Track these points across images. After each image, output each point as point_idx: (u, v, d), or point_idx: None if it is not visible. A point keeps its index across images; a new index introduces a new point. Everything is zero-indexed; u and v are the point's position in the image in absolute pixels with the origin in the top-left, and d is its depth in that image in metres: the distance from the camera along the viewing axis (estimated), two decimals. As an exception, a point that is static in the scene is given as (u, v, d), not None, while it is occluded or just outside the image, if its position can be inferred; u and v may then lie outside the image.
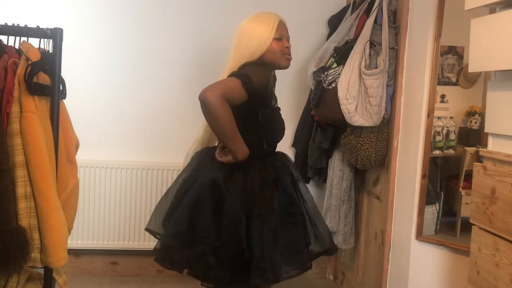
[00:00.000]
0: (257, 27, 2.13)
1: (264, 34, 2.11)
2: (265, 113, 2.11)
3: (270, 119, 2.15)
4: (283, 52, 2.15)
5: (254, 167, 2.08)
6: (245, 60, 2.12)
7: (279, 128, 2.22)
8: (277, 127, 2.20)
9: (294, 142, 3.46)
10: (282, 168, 2.17)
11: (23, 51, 1.96)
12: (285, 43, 2.15)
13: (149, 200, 3.28)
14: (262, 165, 2.11)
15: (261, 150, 2.14)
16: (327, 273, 3.62)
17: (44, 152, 1.90)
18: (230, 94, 1.95)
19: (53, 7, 3.22)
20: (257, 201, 2.03)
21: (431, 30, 2.38)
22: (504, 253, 1.63)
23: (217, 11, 3.37)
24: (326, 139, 3.09)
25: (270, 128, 2.15)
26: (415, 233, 2.48)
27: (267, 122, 2.13)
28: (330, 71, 2.71)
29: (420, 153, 2.45)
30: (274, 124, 2.18)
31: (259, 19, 2.16)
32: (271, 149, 2.22)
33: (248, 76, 2.00)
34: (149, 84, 3.35)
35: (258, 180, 2.06)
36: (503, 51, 1.63)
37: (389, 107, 2.68)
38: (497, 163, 1.72)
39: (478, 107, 2.66)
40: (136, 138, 3.37)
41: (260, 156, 2.12)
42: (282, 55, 2.15)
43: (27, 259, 1.85)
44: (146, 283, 3.33)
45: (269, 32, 2.11)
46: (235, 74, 2.03)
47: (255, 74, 2.03)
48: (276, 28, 2.13)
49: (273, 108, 2.17)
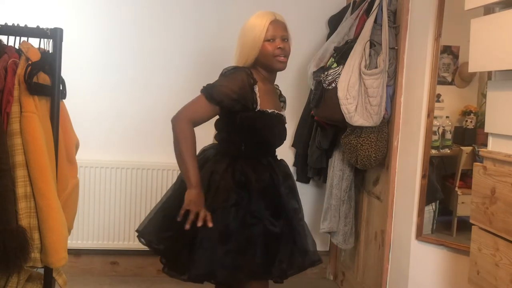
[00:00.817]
0: (249, 30, 2.10)
1: (254, 38, 2.07)
2: (244, 116, 2.08)
3: (252, 123, 2.09)
4: (275, 54, 2.08)
5: (227, 165, 2.10)
6: (242, 64, 2.13)
7: (266, 133, 2.14)
8: (263, 132, 2.13)
9: (294, 142, 3.46)
10: (263, 174, 2.12)
11: (23, 51, 1.96)
12: (277, 44, 2.08)
13: (149, 200, 3.28)
14: (234, 165, 2.10)
15: (239, 151, 2.13)
16: (327, 273, 3.62)
17: (44, 152, 1.90)
18: (197, 115, 2.04)
19: (53, 7, 3.22)
20: (212, 195, 2.05)
21: (431, 30, 2.38)
22: (504, 253, 1.63)
23: (218, 11, 3.37)
24: (326, 139, 3.09)
25: (250, 131, 2.11)
26: (415, 233, 2.48)
27: (247, 126, 2.10)
28: (330, 71, 2.71)
29: (420, 153, 2.45)
30: (256, 128, 2.11)
31: (252, 21, 2.11)
32: (254, 152, 2.15)
33: (211, 88, 2.05)
34: (149, 84, 3.35)
35: (221, 176, 2.07)
36: (503, 51, 1.63)
37: (389, 107, 2.68)
38: (497, 163, 1.72)
39: (473, 107, 2.66)
40: (136, 138, 3.37)
41: (237, 157, 2.12)
42: (274, 57, 2.09)
43: (27, 259, 1.85)
44: (146, 283, 3.33)
45: (259, 35, 2.06)
46: (202, 89, 2.08)
47: (224, 82, 2.07)
48: (267, 29, 2.07)
49: (259, 111, 2.09)
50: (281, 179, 2.17)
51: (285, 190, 2.18)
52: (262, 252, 2.05)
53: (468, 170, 2.49)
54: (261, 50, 2.08)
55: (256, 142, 2.15)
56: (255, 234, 2.04)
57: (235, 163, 2.10)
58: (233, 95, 2.03)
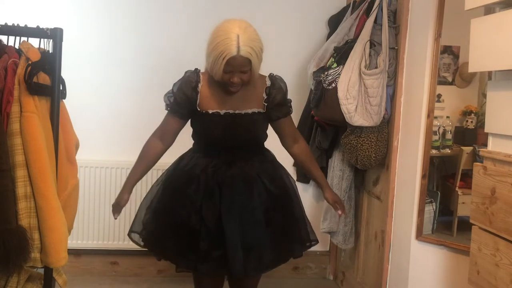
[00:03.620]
0: (212, 49, 2.04)
1: (215, 64, 2.03)
2: (194, 117, 2.23)
3: (196, 123, 2.23)
4: (228, 83, 2.08)
5: (185, 157, 2.29)
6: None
7: (205, 132, 2.21)
8: (204, 131, 2.22)
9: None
10: (215, 168, 2.17)
11: (23, 51, 1.96)
12: (231, 77, 2.05)
13: (149, 200, 3.28)
14: (189, 158, 2.26)
15: (194, 146, 2.31)
16: (327, 273, 3.62)
17: (44, 152, 1.90)
18: (164, 129, 2.27)
19: (53, 7, 3.22)
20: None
21: (431, 30, 2.38)
22: (504, 253, 1.63)
23: (217, 12, 3.36)
24: (326, 139, 3.09)
25: (196, 130, 2.26)
26: (415, 233, 2.48)
27: (194, 125, 2.25)
28: (330, 71, 2.71)
29: (420, 153, 2.45)
30: (200, 127, 2.23)
31: (216, 41, 2.04)
32: (204, 147, 2.25)
33: (170, 98, 2.23)
34: (149, 83, 3.35)
35: (174, 165, 2.31)
36: (503, 51, 1.63)
37: (389, 107, 2.68)
38: (497, 163, 1.72)
39: (473, 107, 2.66)
40: (136, 138, 3.34)
41: (193, 151, 2.29)
42: (227, 84, 2.09)
43: (27, 259, 1.85)
44: (146, 283, 3.33)
45: (219, 68, 2.02)
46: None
47: (175, 92, 2.22)
48: (225, 63, 2.00)
49: (204, 113, 2.16)
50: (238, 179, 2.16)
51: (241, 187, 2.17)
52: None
53: (469, 170, 2.48)
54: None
55: (199, 139, 2.27)
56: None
57: (191, 156, 2.26)
58: (181, 96, 2.18)
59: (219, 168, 2.17)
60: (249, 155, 2.23)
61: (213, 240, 2.10)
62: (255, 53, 2.02)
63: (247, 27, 2.04)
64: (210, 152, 2.21)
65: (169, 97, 2.22)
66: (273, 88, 2.22)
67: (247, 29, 2.02)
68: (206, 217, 2.11)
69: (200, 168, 2.18)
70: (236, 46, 1.98)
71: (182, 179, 2.20)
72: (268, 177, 2.22)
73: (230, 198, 2.13)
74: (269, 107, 2.22)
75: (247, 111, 2.18)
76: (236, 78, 2.05)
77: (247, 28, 2.03)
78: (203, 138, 2.24)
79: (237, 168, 2.18)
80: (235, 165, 2.18)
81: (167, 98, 2.23)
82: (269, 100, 2.22)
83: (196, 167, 2.19)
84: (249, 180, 2.18)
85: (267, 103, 2.22)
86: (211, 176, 2.15)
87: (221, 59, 1.99)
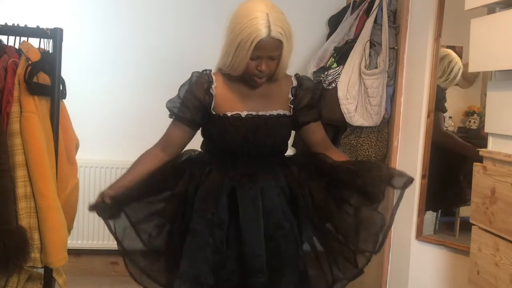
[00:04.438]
0: (234, 41, 1.75)
1: (238, 56, 1.75)
2: (207, 124, 1.90)
3: (210, 130, 1.89)
4: (253, 73, 1.78)
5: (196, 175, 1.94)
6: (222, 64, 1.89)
7: (223, 139, 1.86)
8: (221, 138, 1.87)
9: (294, 142, 3.45)
10: (216, 177, 1.86)
11: (23, 51, 1.96)
12: (259, 65, 1.75)
13: (149, 200, 3.28)
14: (196, 163, 1.95)
15: (205, 157, 1.97)
16: (327, 273, 3.62)
17: (44, 152, 1.90)
18: (168, 139, 1.97)
19: (53, 7, 3.22)
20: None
21: (431, 30, 2.39)
22: (504, 253, 1.63)
23: (217, 11, 3.36)
24: (326, 139, 3.09)
25: (209, 139, 1.93)
26: (415, 233, 2.48)
27: (207, 133, 1.93)
28: (330, 71, 2.71)
29: (420, 153, 2.45)
30: (217, 134, 1.88)
31: (243, 23, 1.74)
32: (219, 158, 1.90)
33: (178, 104, 1.92)
34: (149, 83, 3.34)
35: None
36: (503, 51, 1.63)
37: (389, 107, 2.68)
38: (497, 163, 1.72)
39: (476, 107, 2.66)
40: (136, 138, 3.35)
41: (202, 163, 1.95)
42: (251, 76, 1.79)
43: (27, 259, 1.85)
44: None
45: (246, 54, 1.72)
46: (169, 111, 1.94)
47: (182, 97, 1.92)
48: (254, 47, 1.70)
49: (221, 116, 1.85)
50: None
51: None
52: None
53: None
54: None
55: (208, 148, 1.95)
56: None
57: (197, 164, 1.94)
58: (191, 103, 1.89)
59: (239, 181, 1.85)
60: (271, 165, 1.91)
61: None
62: (285, 36, 1.73)
63: (273, 5, 1.75)
64: (226, 164, 1.88)
65: (175, 103, 1.92)
66: (300, 89, 1.91)
67: (275, 8, 1.74)
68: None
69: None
70: (267, 25, 1.68)
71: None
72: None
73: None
74: (295, 110, 1.90)
75: (272, 113, 1.87)
76: (264, 65, 1.75)
77: (274, 7, 1.74)
78: (220, 146, 1.89)
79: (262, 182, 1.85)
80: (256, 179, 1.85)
81: (171, 105, 1.93)
82: (296, 102, 1.90)
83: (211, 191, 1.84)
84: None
85: (293, 105, 1.90)
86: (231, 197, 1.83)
87: (249, 43, 1.69)
